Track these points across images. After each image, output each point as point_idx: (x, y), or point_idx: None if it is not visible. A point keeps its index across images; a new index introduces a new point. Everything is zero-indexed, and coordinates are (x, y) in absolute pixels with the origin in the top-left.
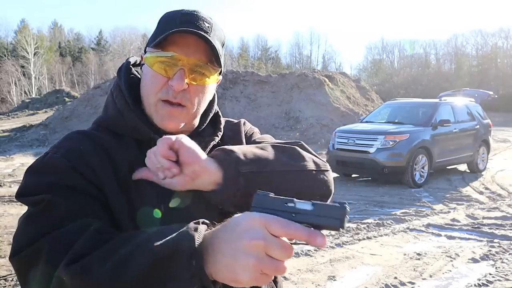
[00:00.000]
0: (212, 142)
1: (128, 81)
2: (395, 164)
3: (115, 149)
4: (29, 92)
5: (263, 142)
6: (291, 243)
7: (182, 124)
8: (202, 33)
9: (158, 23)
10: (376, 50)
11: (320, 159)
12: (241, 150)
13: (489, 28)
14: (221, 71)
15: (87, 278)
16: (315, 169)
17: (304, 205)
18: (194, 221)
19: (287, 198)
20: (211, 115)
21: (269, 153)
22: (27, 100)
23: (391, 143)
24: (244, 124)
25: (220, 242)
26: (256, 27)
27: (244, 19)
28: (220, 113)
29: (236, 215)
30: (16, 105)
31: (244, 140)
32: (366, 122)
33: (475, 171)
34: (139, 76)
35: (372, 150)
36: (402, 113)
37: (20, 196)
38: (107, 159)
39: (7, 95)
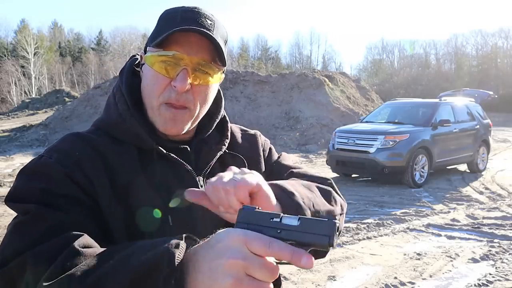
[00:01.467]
0: (219, 152)
1: (129, 83)
2: (395, 164)
3: (114, 155)
4: (29, 92)
5: (296, 169)
6: (277, 263)
7: (186, 128)
8: (205, 31)
9: (158, 20)
10: (376, 50)
11: (342, 199)
12: (299, 193)
13: (489, 28)
14: (224, 70)
15: None
16: (340, 213)
17: (291, 220)
18: (178, 236)
19: (273, 212)
20: (217, 119)
21: (317, 197)
22: (27, 100)
23: (391, 143)
24: (260, 136)
25: (199, 260)
26: (256, 27)
27: (244, 19)
28: (227, 118)
29: (219, 231)
30: (16, 105)
31: (261, 154)
32: (366, 122)
33: (475, 171)
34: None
35: (372, 150)
36: (402, 113)
37: (9, 201)
38: (104, 166)
39: (7, 95)
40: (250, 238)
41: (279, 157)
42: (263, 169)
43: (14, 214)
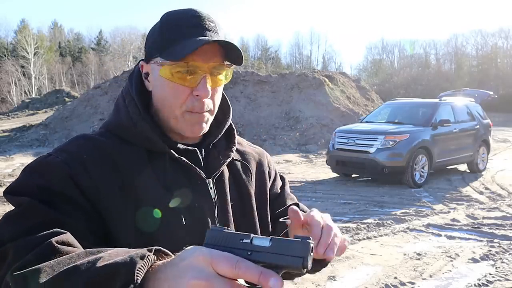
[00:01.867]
0: (228, 158)
1: (139, 87)
2: (395, 164)
3: (124, 157)
4: (29, 92)
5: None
6: (248, 286)
7: (208, 126)
8: (217, 37)
9: (162, 29)
10: (376, 50)
11: None
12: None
13: (489, 28)
14: (233, 67)
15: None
16: None
17: (262, 241)
18: (148, 248)
19: (243, 233)
20: (226, 126)
21: None
22: (27, 100)
23: (391, 143)
24: (266, 155)
25: (161, 278)
26: (256, 27)
27: (244, 19)
28: (233, 126)
29: (186, 248)
30: (16, 105)
31: (267, 173)
32: (366, 122)
33: (475, 171)
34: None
35: (372, 150)
36: (402, 113)
37: (7, 193)
38: (112, 169)
39: (7, 95)
40: (215, 257)
41: (283, 185)
42: (268, 187)
43: None
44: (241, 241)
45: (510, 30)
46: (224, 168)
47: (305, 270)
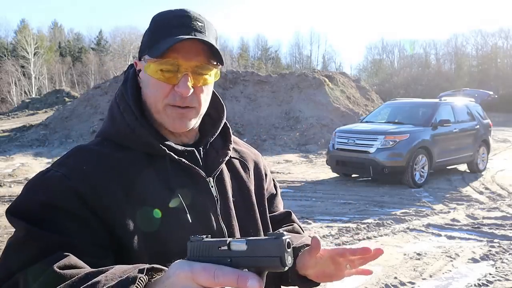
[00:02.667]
0: (226, 157)
1: (134, 92)
2: (395, 164)
3: (124, 164)
4: (29, 92)
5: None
6: None
7: (192, 124)
8: (201, 36)
9: (150, 27)
10: (376, 50)
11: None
12: None
13: (489, 28)
14: (220, 67)
15: None
16: None
17: (238, 245)
18: (140, 268)
19: (221, 239)
20: (221, 124)
21: None
22: (27, 100)
23: (391, 143)
24: (261, 158)
25: None
26: (256, 27)
27: (244, 19)
28: (228, 125)
29: (172, 264)
30: (16, 105)
31: (263, 174)
32: (366, 122)
33: (475, 171)
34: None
35: (372, 150)
36: (402, 113)
37: (9, 213)
38: (114, 177)
39: (7, 95)
40: (195, 271)
41: (276, 189)
42: (266, 185)
43: None
44: (219, 248)
45: (510, 30)
46: (223, 166)
47: (285, 268)
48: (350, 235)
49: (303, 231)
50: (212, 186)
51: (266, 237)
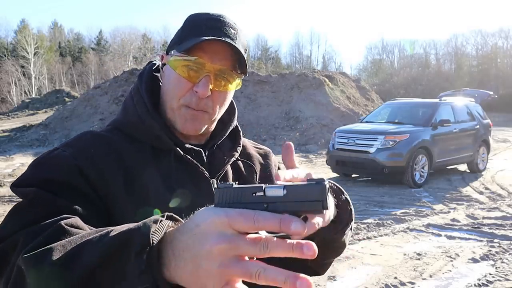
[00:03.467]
0: (232, 159)
1: (149, 86)
2: (395, 164)
3: (129, 153)
4: (29, 92)
5: None
6: (275, 235)
7: (203, 129)
8: (230, 41)
9: (184, 25)
10: (376, 50)
11: None
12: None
13: (489, 28)
14: (242, 77)
15: (39, 268)
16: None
17: (275, 190)
18: (161, 214)
19: (254, 186)
20: (231, 128)
21: None
22: (27, 100)
23: (391, 143)
24: (272, 155)
25: (179, 246)
26: (256, 27)
27: (244, 19)
28: (239, 128)
29: (198, 212)
30: (16, 105)
31: (273, 173)
32: (366, 122)
33: (475, 171)
34: (161, 81)
35: (372, 150)
36: (402, 113)
37: (14, 186)
38: (118, 164)
39: (7, 95)
40: (232, 217)
41: None
42: None
43: None
44: (254, 194)
45: (510, 30)
46: (229, 168)
47: (325, 211)
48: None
49: None
50: (215, 188)
51: (305, 182)
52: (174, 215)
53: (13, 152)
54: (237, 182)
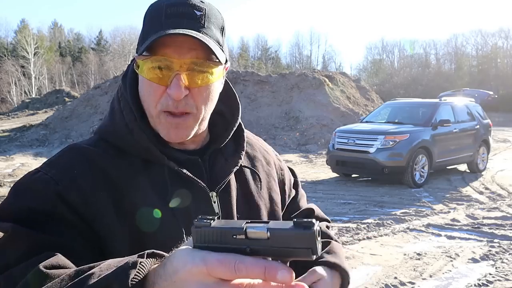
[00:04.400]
0: (235, 167)
1: (133, 91)
2: (395, 164)
3: (118, 171)
4: (29, 92)
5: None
6: None
7: (192, 133)
8: (195, 28)
9: (144, 19)
10: (376, 50)
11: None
12: (343, 263)
13: (489, 28)
14: (225, 63)
15: None
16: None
17: (258, 233)
18: (139, 253)
19: (234, 226)
20: (234, 128)
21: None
22: (27, 100)
23: (391, 143)
24: (275, 159)
25: None
26: (256, 27)
27: (244, 19)
28: (243, 127)
29: (176, 254)
30: (16, 105)
31: (276, 178)
32: (366, 122)
33: (475, 171)
34: None
35: (372, 150)
36: (402, 113)
37: None
38: (105, 184)
39: (7, 95)
40: (211, 265)
41: (296, 185)
42: (279, 196)
43: None
44: (234, 237)
45: (510, 30)
46: (231, 176)
47: (315, 257)
48: (350, 235)
49: (331, 229)
50: (214, 202)
51: (292, 224)
52: (155, 251)
53: (13, 152)
54: (217, 218)
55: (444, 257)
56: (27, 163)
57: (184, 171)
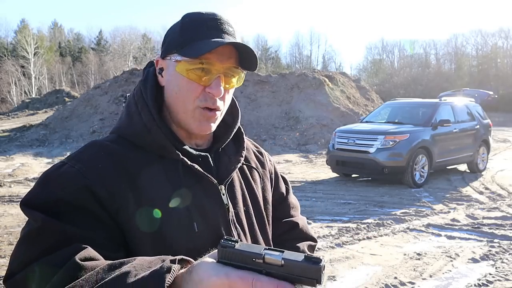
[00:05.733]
0: (239, 164)
1: (153, 93)
2: (395, 164)
3: (136, 165)
4: (29, 92)
5: (300, 222)
6: None
7: (215, 127)
8: (234, 40)
9: (182, 27)
10: (376, 50)
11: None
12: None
13: (489, 28)
14: (245, 72)
15: None
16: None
17: (274, 260)
18: (171, 259)
19: (255, 251)
20: (235, 129)
21: None
22: (27, 100)
23: (391, 143)
24: (268, 158)
25: None
26: (256, 27)
27: (244, 19)
28: (242, 130)
29: (202, 264)
30: (16, 105)
31: (269, 178)
32: (366, 122)
33: (475, 171)
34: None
35: (372, 150)
36: (402, 113)
37: (24, 205)
38: (127, 179)
39: (7, 95)
40: (232, 280)
41: (287, 192)
42: (271, 193)
43: (15, 214)
44: (254, 260)
45: (510, 30)
46: (235, 173)
47: (318, 285)
48: (350, 235)
49: (313, 249)
50: (223, 194)
51: (303, 257)
52: (184, 257)
53: (13, 152)
54: (238, 242)
55: (444, 257)
56: (27, 163)
57: (196, 166)
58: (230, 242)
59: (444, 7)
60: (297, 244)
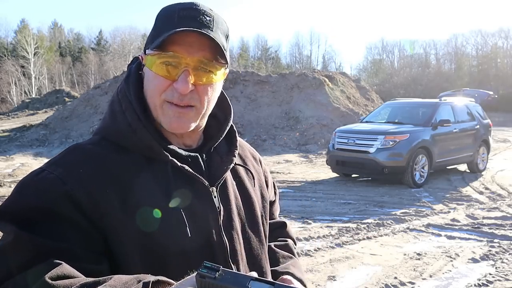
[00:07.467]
0: (231, 164)
1: (136, 89)
2: (395, 164)
3: (121, 169)
4: (29, 92)
5: (285, 226)
6: None
7: (193, 126)
8: (204, 30)
9: (156, 20)
10: (376, 50)
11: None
12: (304, 276)
13: (489, 28)
14: (227, 66)
15: None
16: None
17: None
18: (145, 281)
19: (240, 279)
20: (227, 128)
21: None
22: (27, 100)
23: (391, 143)
24: (262, 162)
25: None
26: (256, 27)
27: (244, 19)
28: (234, 128)
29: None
30: (16, 105)
31: (264, 180)
32: (366, 122)
33: (475, 171)
34: None
35: (372, 150)
36: (402, 113)
37: None
38: (111, 183)
39: (7, 95)
40: None
41: (275, 194)
42: (268, 194)
43: None
44: None
45: (510, 30)
46: (228, 173)
47: None
48: (350, 235)
49: (295, 249)
50: (215, 197)
51: None
52: (160, 278)
53: (13, 152)
54: (219, 272)
55: (444, 257)
56: (27, 163)
57: (186, 167)
58: (209, 272)
59: (444, 7)
60: (287, 243)
